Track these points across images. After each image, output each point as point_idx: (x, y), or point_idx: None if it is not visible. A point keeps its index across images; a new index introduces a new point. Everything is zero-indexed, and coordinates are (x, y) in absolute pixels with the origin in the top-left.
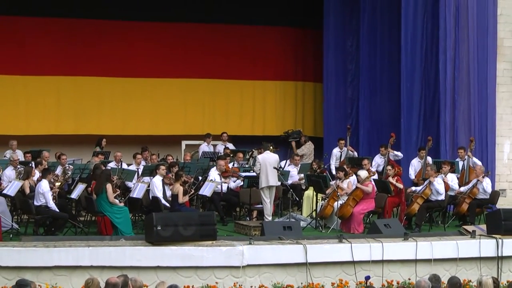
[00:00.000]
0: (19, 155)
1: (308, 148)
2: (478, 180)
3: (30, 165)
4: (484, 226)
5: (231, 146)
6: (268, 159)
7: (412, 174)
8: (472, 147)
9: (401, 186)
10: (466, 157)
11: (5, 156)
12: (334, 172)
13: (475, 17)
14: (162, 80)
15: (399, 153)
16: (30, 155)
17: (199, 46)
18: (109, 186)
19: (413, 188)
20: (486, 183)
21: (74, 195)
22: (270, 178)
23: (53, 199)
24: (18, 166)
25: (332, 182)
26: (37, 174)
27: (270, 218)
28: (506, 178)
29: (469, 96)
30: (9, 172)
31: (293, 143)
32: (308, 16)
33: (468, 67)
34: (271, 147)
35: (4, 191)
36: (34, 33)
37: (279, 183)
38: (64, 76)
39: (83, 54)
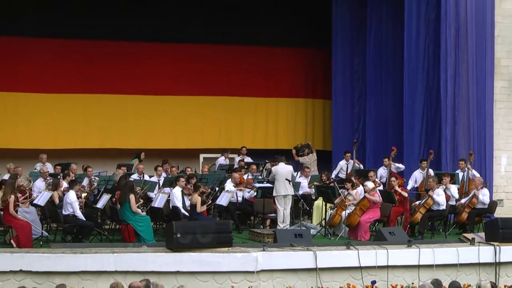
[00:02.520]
0: (49, 167)
1: (309, 158)
2: (477, 191)
3: (58, 177)
4: (482, 234)
5: (249, 159)
6: (282, 170)
7: (410, 184)
8: (472, 160)
9: (405, 194)
10: (466, 169)
11: (35, 169)
12: (332, 178)
13: (474, 38)
14: (181, 98)
15: (400, 165)
16: (59, 167)
17: (216, 65)
18: (132, 197)
19: (417, 202)
20: (485, 194)
21: (100, 205)
22: (284, 188)
23: (80, 209)
24: (48, 178)
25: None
26: (65, 185)
27: (282, 226)
28: (503, 189)
29: (469, 112)
30: (39, 183)
31: (293, 151)
32: (317, 37)
33: (468, 85)
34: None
35: (35, 201)
36: (63, 54)
37: (290, 192)
38: (90, 94)
39: (108, 73)
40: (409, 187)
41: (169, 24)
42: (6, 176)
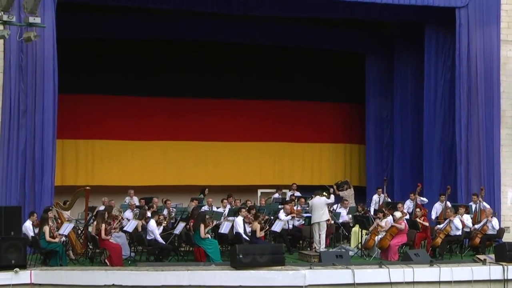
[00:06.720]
0: (135, 201)
1: (348, 193)
2: (487, 220)
3: (145, 208)
4: (493, 256)
5: (298, 193)
6: (315, 202)
7: (433, 215)
8: (483, 194)
9: (426, 224)
10: (478, 201)
11: (125, 202)
12: (372, 212)
13: (483, 94)
14: (242, 144)
15: (424, 199)
16: (144, 200)
17: (271, 117)
18: (202, 226)
19: (438, 226)
20: (494, 222)
21: (177, 231)
22: (316, 217)
23: (160, 234)
24: (135, 209)
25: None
26: (148, 215)
27: (318, 247)
28: (510, 218)
29: (479, 155)
30: (128, 213)
31: (335, 187)
32: (353, 94)
33: (478, 132)
34: (323, 193)
35: (124, 228)
36: (146, 110)
37: (323, 220)
38: (167, 141)
39: (182, 125)
40: (433, 217)
41: (234, 85)
42: (102, 208)
